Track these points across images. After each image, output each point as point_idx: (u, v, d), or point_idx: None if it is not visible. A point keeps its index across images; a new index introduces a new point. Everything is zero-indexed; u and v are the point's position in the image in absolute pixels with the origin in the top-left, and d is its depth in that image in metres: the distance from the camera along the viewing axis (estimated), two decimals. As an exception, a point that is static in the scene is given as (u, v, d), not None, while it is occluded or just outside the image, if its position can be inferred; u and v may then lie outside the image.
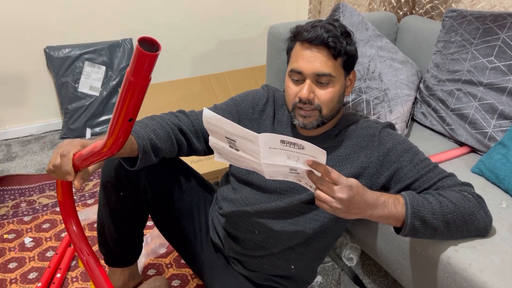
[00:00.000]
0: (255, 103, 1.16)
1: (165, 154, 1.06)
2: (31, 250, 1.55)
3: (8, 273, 1.46)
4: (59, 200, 1.04)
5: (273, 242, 1.11)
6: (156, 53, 0.62)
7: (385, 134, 1.04)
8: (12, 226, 1.66)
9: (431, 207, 0.91)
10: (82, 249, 1.06)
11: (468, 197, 0.94)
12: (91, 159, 0.82)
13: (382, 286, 1.41)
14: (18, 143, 2.26)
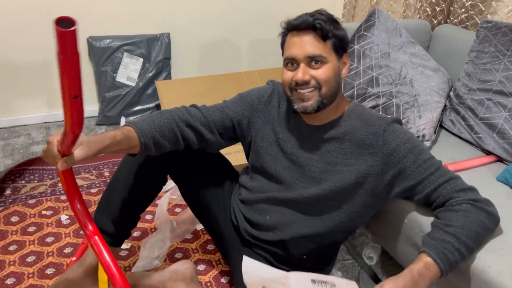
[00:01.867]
0: (260, 95, 1.23)
1: (169, 149, 1.14)
2: (67, 227, 1.65)
3: (46, 246, 1.55)
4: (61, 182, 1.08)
5: (283, 229, 1.17)
6: (73, 28, 0.68)
7: (389, 133, 1.07)
8: (50, 204, 1.77)
9: (451, 247, 0.96)
10: (86, 226, 1.09)
11: (468, 210, 0.99)
12: (65, 143, 0.88)
13: (400, 286, 1.44)
14: (57, 126, 2.37)
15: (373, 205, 1.14)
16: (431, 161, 1.06)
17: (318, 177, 1.13)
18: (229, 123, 1.21)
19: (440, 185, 1.04)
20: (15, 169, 1.87)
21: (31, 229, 1.63)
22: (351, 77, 1.51)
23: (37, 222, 1.66)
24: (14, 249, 1.53)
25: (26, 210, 1.72)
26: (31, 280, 1.41)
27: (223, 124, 1.20)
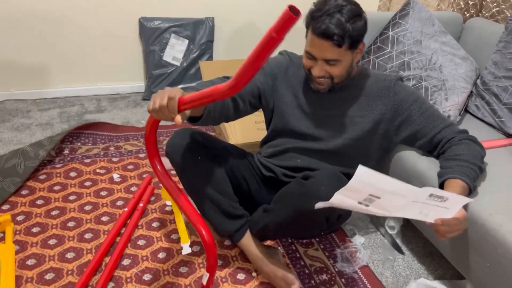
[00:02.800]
0: (279, 65, 1.39)
1: (223, 119, 1.30)
2: (119, 184, 1.85)
3: (100, 198, 1.75)
4: (146, 137, 1.15)
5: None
6: (297, 17, 0.77)
7: (398, 86, 1.31)
8: (103, 164, 1.97)
9: (468, 169, 1.18)
10: (166, 179, 1.17)
11: (469, 144, 1.25)
12: (205, 101, 0.97)
13: (418, 255, 1.57)
14: (107, 99, 2.59)
15: (384, 147, 1.37)
16: (432, 109, 1.30)
17: (339, 130, 1.32)
18: (257, 91, 1.37)
19: (442, 129, 1.28)
20: (73, 132, 2.08)
21: (87, 184, 1.83)
22: (385, 61, 1.63)
23: (92, 178, 1.87)
24: (73, 199, 1.74)
25: (83, 168, 1.92)
26: (89, 224, 1.61)
27: (252, 93, 1.36)
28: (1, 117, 2.30)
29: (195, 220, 1.10)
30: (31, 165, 1.80)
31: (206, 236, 1.09)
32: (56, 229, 1.58)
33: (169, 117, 1.00)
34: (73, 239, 1.54)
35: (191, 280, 1.39)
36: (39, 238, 1.54)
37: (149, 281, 1.39)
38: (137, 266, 1.45)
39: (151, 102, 1.01)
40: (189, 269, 1.43)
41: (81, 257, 1.47)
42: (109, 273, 1.39)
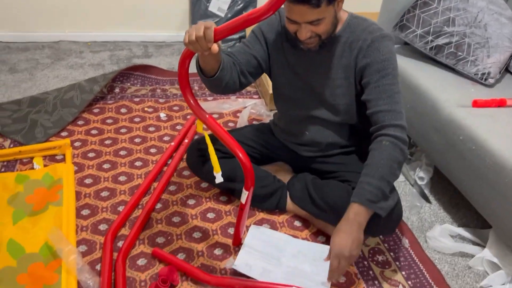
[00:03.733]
0: (269, 27, 1.37)
1: (230, 85, 1.31)
2: (165, 122, 1.98)
3: (148, 133, 1.89)
4: (179, 70, 1.18)
5: (318, 143, 1.44)
6: None
7: (372, 49, 1.26)
8: (150, 103, 2.10)
9: (370, 187, 1.18)
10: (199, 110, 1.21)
11: (385, 147, 1.21)
12: (240, 26, 1.03)
13: (445, 205, 1.64)
14: (153, 46, 2.70)
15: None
16: (388, 87, 1.25)
17: (330, 89, 1.35)
18: (255, 61, 1.38)
19: (380, 111, 1.25)
20: (123, 72, 2.21)
21: (137, 119, 1.97)
22: (430, 16, 1.66)
23: (141, 115, 2.01)
24: (124, 132, 1.89)
25: (132, 105, 2.06)
26: (139, 154, 1.76)
27: (251, 64, 1.37)
28: (57, 56, 2.46)
29: (231, 144, 1.19)
30: (86, 98, 1.95)
31: (242, 158, 1.19)
32: (109, 156, 1.73)
33: (205, 47, 1.03)
34: (124, 165, 1.69)
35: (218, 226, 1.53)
36: (95, 162, 1.70)
37: (192, 205, 1.54)
38: (182, 192, 1.59)
39: (186, 35, 1.04)
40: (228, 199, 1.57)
41: (132, 181, 1.62)
42: (157, 195, 1.53)
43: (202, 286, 1.25)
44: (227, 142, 1.20)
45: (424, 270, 1.37)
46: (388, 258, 1.41)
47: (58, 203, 1.45)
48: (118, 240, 1.37)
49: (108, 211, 1.48)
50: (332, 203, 1.35)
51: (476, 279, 1.37)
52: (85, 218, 1.45)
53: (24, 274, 1.22)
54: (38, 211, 1.42)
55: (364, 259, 1.39)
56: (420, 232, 1.52)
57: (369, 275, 1.34)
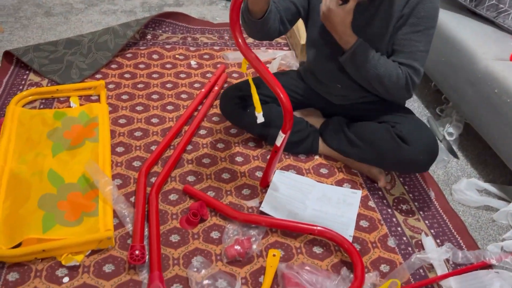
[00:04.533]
0: None
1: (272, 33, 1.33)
2: (195, 70, 2.00)
3: (180, 79, 1.92)
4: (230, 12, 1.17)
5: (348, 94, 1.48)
6: None
7: (416, 3, 1.25)
8: (181, 51, 2.12)
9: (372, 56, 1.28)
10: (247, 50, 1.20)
11: (398, 72, 1.29)
12: None
13: (472, 161, 1.64)
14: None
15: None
16: (414, 44, 1.28)
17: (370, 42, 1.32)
18: (294, 8, 1.37)
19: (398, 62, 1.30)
20: (155, 18, 2.22)
21: (168, 66, 2.00)
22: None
23: (172, 62, 2.03)
24: (156, 77, 1.92)
25: (164, 52, 2.09)
26: (170, 99, 1.80)
27: (290, 12, 1.37)
28: (91, 2, 2.48)
29: (274, 84, 1.21)
30: (120, 43, 1.98)
31: (283, 98, 1.21)
32: (142, 99, 1.78)
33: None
34: (157, 108, 1.74)
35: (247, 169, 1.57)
36: (128, 104, 1.75)
37: (222, 148, 1.58)
38: (212, 136, 1.63)
39: None
40: (244, 159, 1.61)
41: (164, 123, 1.67)
42: (188, 138, 1.58)
43: (230, 222, 1.31)
44: (270, 83, 1.21)
45: (447, 220, 1.39)
46: (412, 207, 1.43)
47: (94, 139, 1.51)
48: (151, 176, 1.44)
49: (142, 149, 1.54)
50: (368, 138, 1.40)
51: (499, 231, 1.39)
52: (120, 154, 1.51)
53: (64, 201, 1.30)
54: (76, 146, 1.49)
55: (388, 206, 1.42)
56: (445, 186, 1.54)
57: (392, 222, 1.37)
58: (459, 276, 1.20)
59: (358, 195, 1.43)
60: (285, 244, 1.27)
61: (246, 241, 1.22)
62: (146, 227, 1.27)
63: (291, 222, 1.29)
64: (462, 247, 1.31)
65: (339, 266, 1.21)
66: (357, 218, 1.36)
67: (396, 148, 1.35)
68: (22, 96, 1.66)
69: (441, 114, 1.83)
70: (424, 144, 1.34)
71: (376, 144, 1.39)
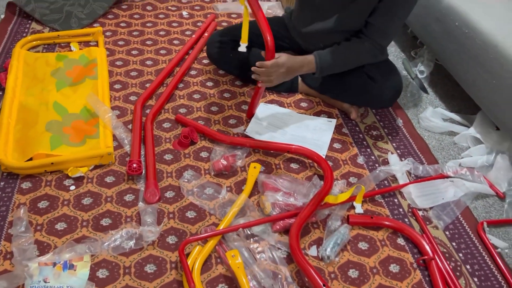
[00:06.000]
0: None
1: None
2: (187, 19, 2.13)
3: (172, 28, 2.05)
4: None
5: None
6: None
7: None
8: (174, 3, 2.23)
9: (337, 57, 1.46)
10: None
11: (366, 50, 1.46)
12: None
13: (441, 95, 1.79)
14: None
15: None
16: (394, 11, 1.38)
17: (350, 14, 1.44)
18: None
19: (373, 25, 1.42)
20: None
21: (161, 16, 2.13)
22: None
23: (165, 12, 2.16)
24: (150, 25, 2.05)
25: (157, 4, 2.21)
26: (163, 44, 1.93)
27: None
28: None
29: (264, 26, 1.33)
30: (115, -6, 2.11)
31: (269, 41, 1.34)
32: (137, 44, 1.91)
33: None
34: (150, 52, 1.87)
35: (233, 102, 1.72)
36: (124, 48, 1.88)
37: (211, 86, 1.73)
38: (202, 76, 1.77)
39: None
40: (232, 95, 1.75)
41: (157, 65, 1.81)
42: (180, 76, 1.72)
43: (217, 144, 1.47)
44: (260, 20, 1.34)
45: (413, 143, 1.56)
46: (382, 133, 1.59)
47: (94, 77, 1.65)
48: (146, 108, 1.59)
49: (137, 86, 1.69)
50: (341, 77, 1.54)
51: (459, 151, 1.55)
52: (117, 90, 1.66)
53: (68, 127, 1.45)
54: (77, 82, 1.64)
55: (360, 132, 1.58)
56: (414, 115, 1.69)
57: (363, 144, 1.53)
58: (417, 184, 1.36)
59: (333, 123, 1.59)
60: (266, 161, 1.43)
61: (231, 157, 1.39)
62: (142, 149, 1.43)
63: (272, 143, 1.45)
64: (424, 163, 1.47)
65: (312, 178, 1.37)
66: (331, 142, 1.52)
67: (365, 86, 1.53)
68: (27, 41, 1.80)
69: (415, 56, 1.96)
70: (389, 81, 1.52)
71: (348, 82, 1.56)
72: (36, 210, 1.22)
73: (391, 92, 1.53)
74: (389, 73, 1.54)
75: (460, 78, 1.59)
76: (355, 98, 1.59)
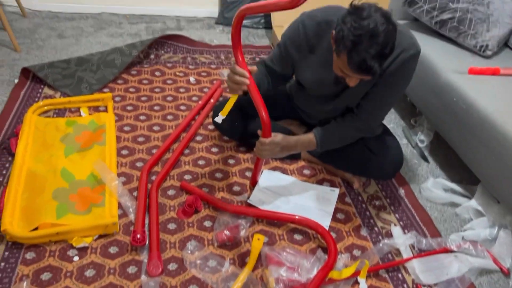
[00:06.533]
0: (297, 45, 1.41)
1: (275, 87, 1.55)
2: (194, 85, 2.21)
3: (179, 93, 2.13)
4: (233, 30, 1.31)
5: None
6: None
7: (397, 66, 1.30)
8: (181, 69, 2.33)
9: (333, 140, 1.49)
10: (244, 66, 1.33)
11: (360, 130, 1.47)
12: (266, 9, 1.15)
13: (441, 164, 1.82)
14: (185, 20, 2.93)
15: None
16: (385, 98, 1.40)
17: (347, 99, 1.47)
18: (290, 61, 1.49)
19: (363, 109, 1.43)
20: (159, 40, 2.45)
21: (169, 82, 2.21)
22: (437, -7, 1.83)
23: (173, 78, 2.24)
24: (158, 91, 2.13)
25: (165, 70, 2.30)
26: (170, 110, 1.99)
27: (287, 66, 1.50)
28: (99, 26, 2.71)
29: (258, 100, 1.35)
30: (126, 61, 2.20)
31: (264, 116, 1.37)
32: (145, 110, 1.98)
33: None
34: (158, 118, 1.93)
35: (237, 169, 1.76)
36: (132, 114, 1.94)
37: (216, 152, 1.77)
38: (207, 142, 1.82)
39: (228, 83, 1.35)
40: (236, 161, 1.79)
41: (164, 130, 1.86)
42: (186, 142, 1.77)
43: (221, 213, 1.48)
44: (256, 99, 1.35)
45: (415, 214, 1.57)
46: (384, 203, 1.61)
47: (102, 143, 1.70)
48: (152, 175, 1.61)
49: (144, 152, 1.73)
50: (342, 149, 1.55)
51: (461, 224, 1.55)
52: (124, 156, 1.70)
53: (75, 195, 1.47)
54: (85, 148, 1.67)
55: (363, 202, 1.60)
56: (416, 185, 1.71)
57: (366, 215, 1.54)
58: (421, 259, 1.36)
59: (336, 192, 1.60)
60: (269, 232, 1.44)
61: (235, 228, 1.40)
62: (147, 217, 1.44)
63: (275, 213, 1.46)
64: (427, 236, 1.48)
65: (316, 251, 1.37)
66: (334, 211, 1.53)
67: (365, 158, 1.57)
68: (38, 106, 1.86)
69: (415, 124, 2.02)
70: (390, 155, 1.56)
71: (348, 154, 1.59)
72: (39, 282, 1.21)
73: (392, 166, 1.57)
74: (389, 146, 1.57)
75: (459, 150, 1.62)
76: (356, 169, 1.63)
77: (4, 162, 1.61)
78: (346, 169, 1.66)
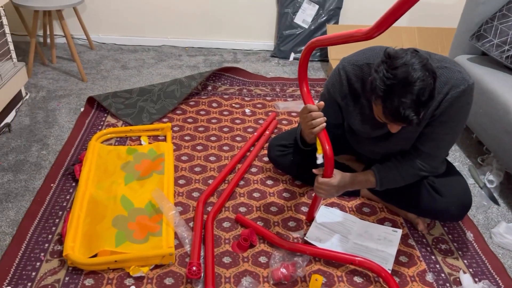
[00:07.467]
0: (341, 91, 1.39)
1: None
2: (249, 116, 2.22)
3: (235, 124, 2.14)
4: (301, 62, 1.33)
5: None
6: None
7: (449, 104, 1.24)
8: (237, 100, 2.36)
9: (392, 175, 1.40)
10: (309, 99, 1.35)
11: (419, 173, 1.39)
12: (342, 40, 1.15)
13: (513, 208, 1.69)
14: (242, 53, 2.99)
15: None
16: (441, 137, 1.31)
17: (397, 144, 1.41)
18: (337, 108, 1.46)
19: (420, 151, 1.36)
20: (216, 72, 2.50)
21: (225, 113, 2.23)
22: (508, 26, 1.74)
23: (229, 109, 2.27)
24: (215, 122, 2.15)
25: (222, 101, 2.33)
26: (226, 140, 2.00)
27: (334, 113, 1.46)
28: (160, 58, 2.83)
29: (322, 135, 1.33)
30: (185, 92, 2.25)
31: (327, 150, 1.33)
32: (202, 140, 2.00)
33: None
34: (214, 148, 1.94)
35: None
36: (190, 144, 1.97)
37: (271, 185, 1.74)
38: (262, 173, 1.80)
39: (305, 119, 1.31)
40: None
41: (220, 161, 1.86)
42: (241, 174, 1.76)
43: (277, 249, 1.44)
44: (320, 134, 1.32)
45: (486, 261, 1.44)
46: (451, 247, 1.50)
47: (160, 172, 1.72)
48: (208, 206, 1.61)
49: (200, 182, 1.73)
50: (404, 188, 1.46)
51: (539, 275, 1.42)
52: (181, 186, 1.71)
53: (133, 223, 1.49)
54: (144, 177, 1.71)
55: (427, 245, 1.50)
56: (485, 229, 1.59)
57: (431, 259, 1.44)
58: (496, 312, 1.24)
59: (399, 234, 1.52)
60: (327, 272, 1.37)
61: (291, 266, 1.35)
62: (202, 249, 1.42)
63: (334, 252, 1.40)
64: (501, 287, 1.35)
65: (378, 295, 1.29)
66: (397, 254, 1.44)
67: (430, 199, 1.46)
68: (102, 134, 1.93)
69: (483, 163, 1.90)
70: (457, 196, 1.44)
71: (411, 194, 1.49)
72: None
73: (459, 208, 1.45)
74: (456, 186, 1.47)
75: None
76: (420, 211, 1.53)
77: (68, 187, 1.67)
78: (409, 209, 1.57)
